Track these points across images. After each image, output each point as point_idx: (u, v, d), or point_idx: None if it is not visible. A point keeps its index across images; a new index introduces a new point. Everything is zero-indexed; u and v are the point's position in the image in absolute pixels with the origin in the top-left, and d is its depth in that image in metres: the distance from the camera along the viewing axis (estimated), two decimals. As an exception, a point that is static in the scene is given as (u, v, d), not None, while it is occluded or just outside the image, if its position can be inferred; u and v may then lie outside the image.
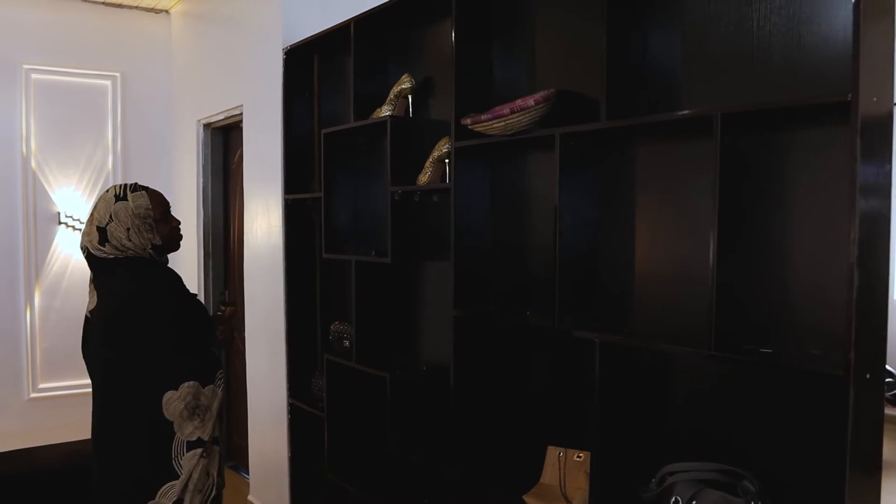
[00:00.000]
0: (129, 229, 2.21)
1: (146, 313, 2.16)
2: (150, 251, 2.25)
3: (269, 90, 3.76)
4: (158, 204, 2.30)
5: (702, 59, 1.91)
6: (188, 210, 4.92)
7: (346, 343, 3.17)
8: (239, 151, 4.55)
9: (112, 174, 5.12)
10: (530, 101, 2.13)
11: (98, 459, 2.25)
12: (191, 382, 2.13)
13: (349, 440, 3.24)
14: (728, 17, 1.85)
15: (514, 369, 2.50)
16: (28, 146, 4.84)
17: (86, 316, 2.33)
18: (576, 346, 2.20)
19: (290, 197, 3.59)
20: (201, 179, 4.84)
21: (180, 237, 2.40)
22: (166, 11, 5.27)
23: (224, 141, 4.88)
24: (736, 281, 1.75)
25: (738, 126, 1.70)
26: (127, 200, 2.24)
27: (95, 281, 2.29)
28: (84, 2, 4.99)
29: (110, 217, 2.22)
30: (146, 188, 2.31)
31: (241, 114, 4.18)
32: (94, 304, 2.27)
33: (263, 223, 3.86)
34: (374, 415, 3.19)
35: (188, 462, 2.13)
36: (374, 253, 2.98)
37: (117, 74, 5.13)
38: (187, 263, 4.83)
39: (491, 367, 2.56)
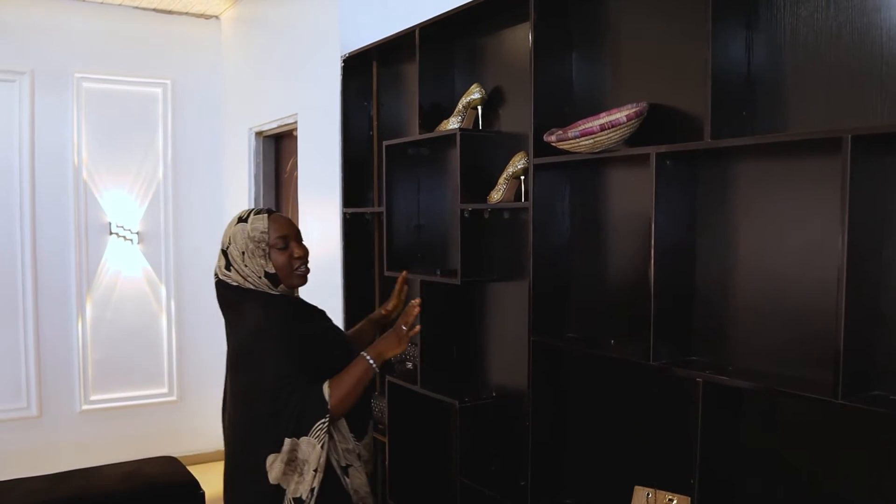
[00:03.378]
0: (243, 253, 2.08)
1: (253, 368, 2.02)
2: (265, 279, 2.09)
3: (325, 99, 3.64)
4: (277, 229, 2.11)
5: (816, 72, 1.73)
6: (239, 219, 4.82)
7: (410, 365, 3.04)
8: (291, 160, 4.45)
9: (163, 183, 5.06)
10: (622, 117, 1.98)
11: None
12: (290, 440, 1.97)
13: (412, 465, 3.10)
14: (851, 25, 1.67)
15: (594, 400, 2.34)
16: (79, 156, 4.79)
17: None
18: (665, 378, 2.05)
19: (349, 211, 3.47)
20: (253, 188, 4.75)
21: (302, 271, 2.15)
22: (216, 17, 5.20)
23: (276, 149, 4.80)
24: (860, 317, 1.57)
25: (866, 147, 1.53)
26: (247, 223, 2.11)
27: (223, 315, 2.16)
28: (134, 9, 4.92)
29: (229, 240, 2.12)
30: (272, 212, 2.16)
31: (296, 122, 4.07)
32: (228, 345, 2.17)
33: (319, 236, 3.74)
34: (439, 441, 3.05)
35: None
36: (439, 272, 2.84)
37: (168, 82, 5.06)
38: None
39: (569, 396, 2.41)
